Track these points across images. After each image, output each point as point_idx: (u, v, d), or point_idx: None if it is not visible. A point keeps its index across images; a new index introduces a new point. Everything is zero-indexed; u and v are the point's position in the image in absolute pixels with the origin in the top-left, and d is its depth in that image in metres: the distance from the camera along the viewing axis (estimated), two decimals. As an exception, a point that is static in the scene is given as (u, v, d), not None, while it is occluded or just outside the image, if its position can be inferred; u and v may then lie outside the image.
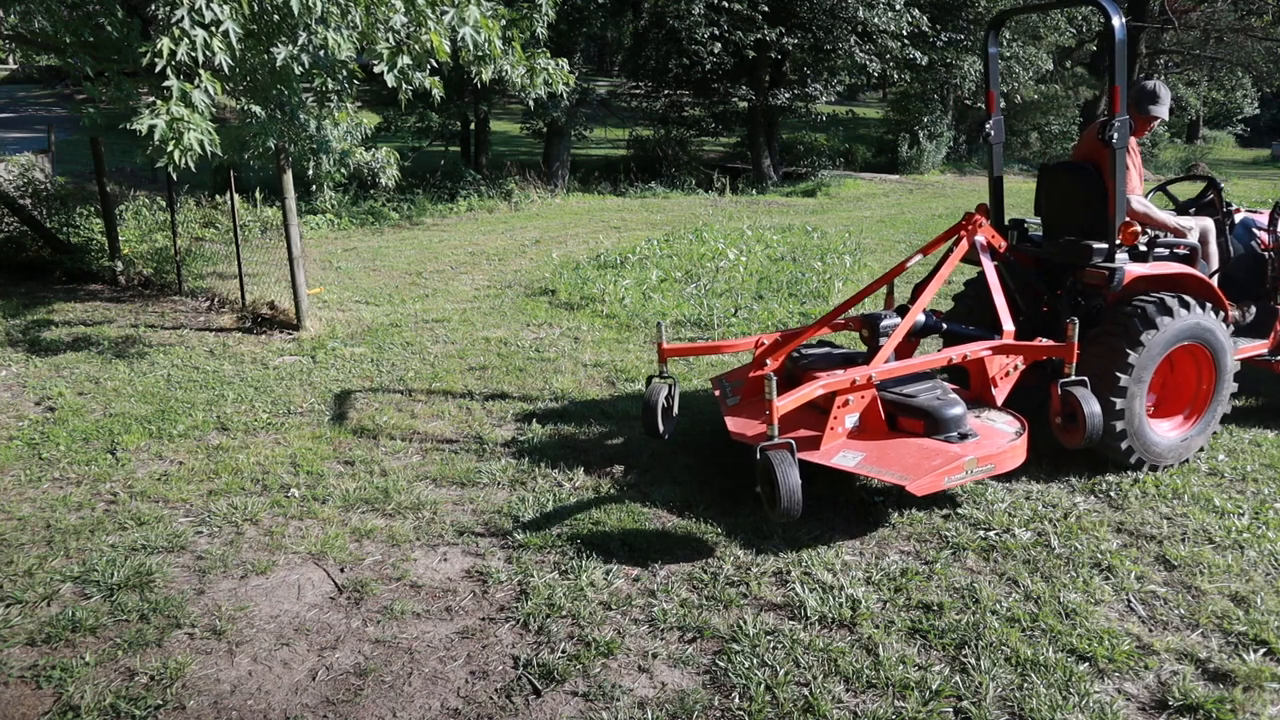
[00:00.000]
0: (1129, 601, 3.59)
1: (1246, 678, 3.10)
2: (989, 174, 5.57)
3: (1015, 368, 4.58)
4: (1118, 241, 4.65)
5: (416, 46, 6.02)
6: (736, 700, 3.00)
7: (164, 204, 10.95)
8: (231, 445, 5.16)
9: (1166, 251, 4.96)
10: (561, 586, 3.66)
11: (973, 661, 3.18)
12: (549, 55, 7.05)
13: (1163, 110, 4.96)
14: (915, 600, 3.57)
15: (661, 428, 4.77)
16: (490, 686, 3.09)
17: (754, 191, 19.63)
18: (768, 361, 4.86)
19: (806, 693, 3.02)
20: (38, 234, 9.81)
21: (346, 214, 14.32)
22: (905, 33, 18.71)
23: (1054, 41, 24.31)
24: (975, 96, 23.05)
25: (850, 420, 4.22)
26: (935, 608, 3.51)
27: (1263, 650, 3.26)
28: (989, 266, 4.84)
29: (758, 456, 3.79)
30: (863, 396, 4.21)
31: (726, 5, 17.23)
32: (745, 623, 3.40)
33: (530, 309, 8.58)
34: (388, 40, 5.98)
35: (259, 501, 4.43)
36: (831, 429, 4.17)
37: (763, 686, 3.04)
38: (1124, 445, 4.61)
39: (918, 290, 5.05)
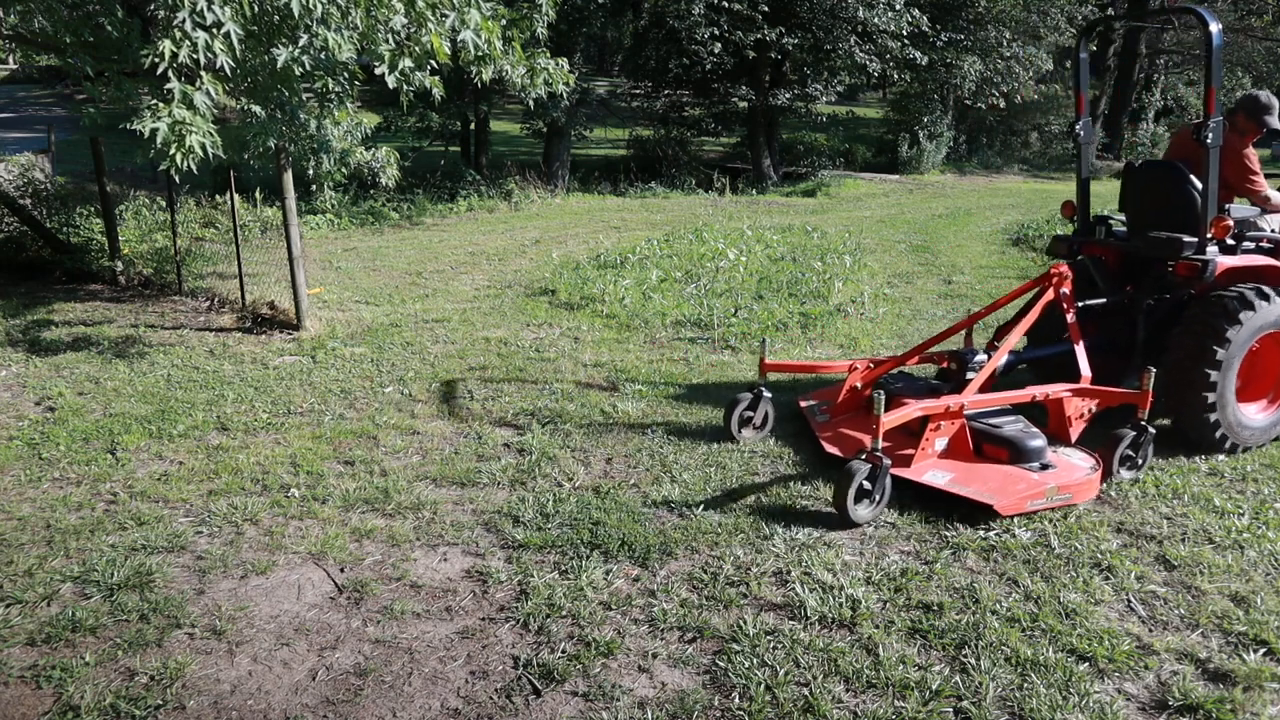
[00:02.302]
0: (1129, 601, 3.59)
1: (1246, 678, 3.10)
2: (1077, 175, 5.77)
3: (1090, 410, 4.87)
4: (1209, 235, 4.90)
5: (417, 48, 6.02)
6: (736, 700, 3.00)
7: (164, 204, 10.96)
8: (231, 445, 5.16)
9: (1253, 245, 5.27)
10: (561, 586, 3.66)
11: (973, 661, 3.18)
12: (549, 55, 7.05)
13: (1275, 120, 5.21)
14: (915, 600, 3.57)
15: (735, 432, 5.13)
16: (490, 686, 3.09)
17: (754, 191, 19.63)
18: (858, 385, 5.25)
19: (806, 693, 3.02)
20: (38, 234, 9.81)
21: (346, 214, 14.31)
22: (905, 33, 18.69)
23: (1054, 41, 24.28)
24: (975, 96, 23.04)
25: (940, 443, 4.57)
26: (935, 608, 3.51)
27: (1263, 650, 3.27)
28: (1071, 316, 5.12)
29: (856, 463, 4.11)
30: (953, 423, 4.56)
31: (726, 5, 17.22)
32: (745, 623, 3.40)
33: (530, 309, 8.58)
34: (388, 42, 5.99)
35: (259, 501, 4.43)
36: (923, 449, 4.50)
37: (763, 686, 3.04)
38: (1215, 428, 4.88)
39: (1000, 333, 5.48)
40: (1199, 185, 4.94)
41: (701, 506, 4.36)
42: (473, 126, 18.77)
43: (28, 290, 8.97)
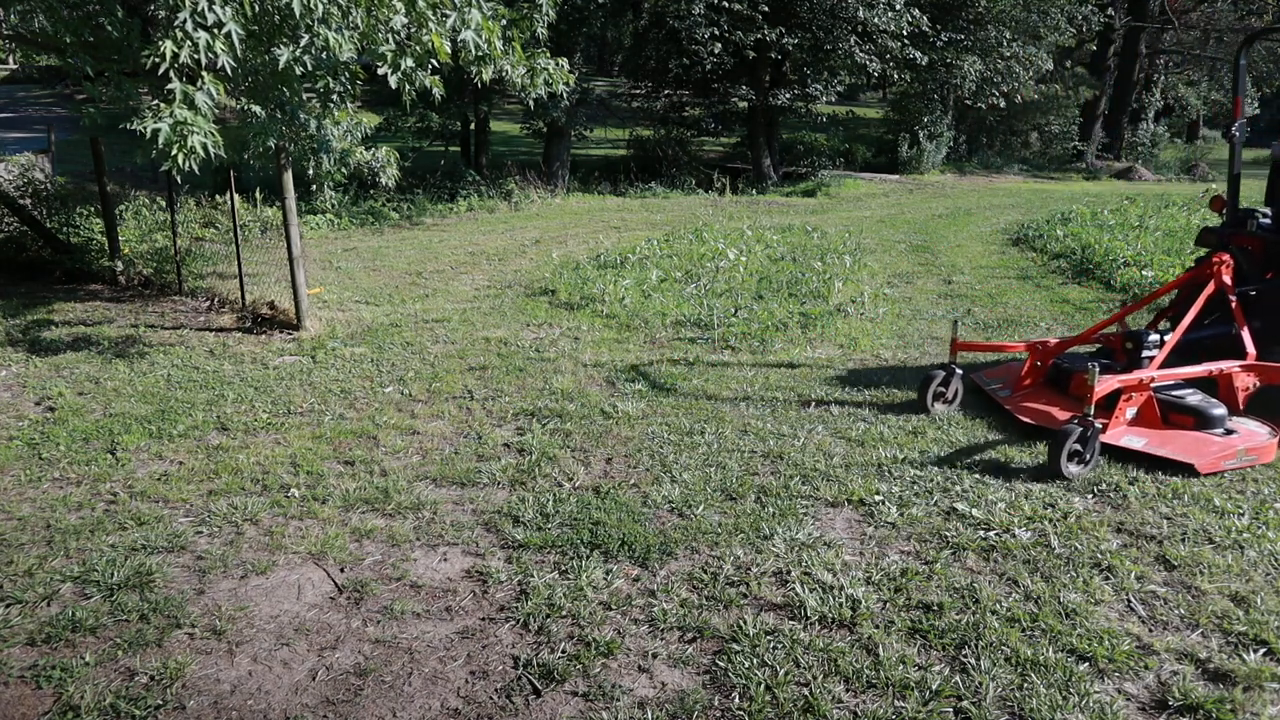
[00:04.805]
0: (1129, 601, 3.59)
1: (1246, 678, 3.10)
2: (1229, 171, 6.23)
3: (1254, 385, 5.36)
4: None
5: (418, 47, 6.02)
6: (736, 700, 3.00)
7: (164, 204, 10.96)
8: (231, 445, 5.16)
9: None
10: (561, 586, 3.66)
11: (973, 661, 3.18)
12: (549, 55, 7.05)
13: None
14: (915, 600, 3.57)
15: (929, 405, 5.61)
16: (490, 686, 3.09)
17: (754, 191, 19.63)
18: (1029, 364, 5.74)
19: (806, 693, 3.02)
20: (38, 234, 9.81)
21: (346, 214, 14.32)
22: (905, 33, 18.70)
23: (1054, 41, 24.28)
24: (975, 96, 23.04)
25: (1130, 412, 5.07)
26: (935, 608, 3.51)
27: (1263, 650, 3.27)
28: (1234, 301, 5.55)
29: (1070, 426, 4.63)
30: (1141, 394, 5.06)
31: (726, 5, 17.23)
32: (745, 623, 3.40)
33: (530, 309, 8.58)
34: (389, 41, 5.99)
35: (259, 501, 4.43)
36: (1116, 418, 4.99)
37: (763, 686, 3.04)
38: None
39: (1160, 316, 6.15)
40: None
41: (701, 506, 4.36)
42: (473, 126, 18.78)
43: (28, 290, 8.97)
